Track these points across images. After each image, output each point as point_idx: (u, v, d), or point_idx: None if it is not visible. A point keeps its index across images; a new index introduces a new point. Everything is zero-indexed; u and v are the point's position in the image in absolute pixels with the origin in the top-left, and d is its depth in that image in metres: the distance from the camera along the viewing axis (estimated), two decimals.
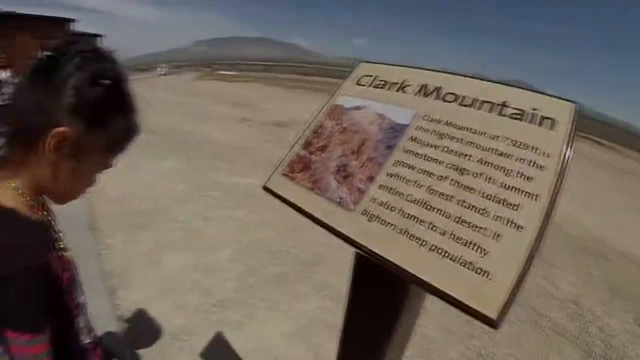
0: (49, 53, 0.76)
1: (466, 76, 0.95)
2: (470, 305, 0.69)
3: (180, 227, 4.27)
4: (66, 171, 0.79)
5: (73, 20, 27.02)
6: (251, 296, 3.19)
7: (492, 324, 0.67)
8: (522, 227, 0.71)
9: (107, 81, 0.76)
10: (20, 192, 0.77)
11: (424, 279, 0.75)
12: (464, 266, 0.73)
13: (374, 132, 0.98)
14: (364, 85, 1.10)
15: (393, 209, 0.84)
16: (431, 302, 0.89)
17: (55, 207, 0.90)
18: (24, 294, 0.70)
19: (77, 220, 4.03)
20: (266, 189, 1.11)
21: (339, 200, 0.93)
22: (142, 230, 4.10)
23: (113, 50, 0.82)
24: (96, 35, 31.31)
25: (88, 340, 0.95)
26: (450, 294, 0.71)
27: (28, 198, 0.78)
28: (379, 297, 1.00)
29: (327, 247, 3.99)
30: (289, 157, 1.12)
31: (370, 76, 1.10)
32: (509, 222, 0.73)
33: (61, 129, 0.73)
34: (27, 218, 0.77)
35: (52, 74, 0.74)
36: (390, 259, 0.80)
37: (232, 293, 3.20)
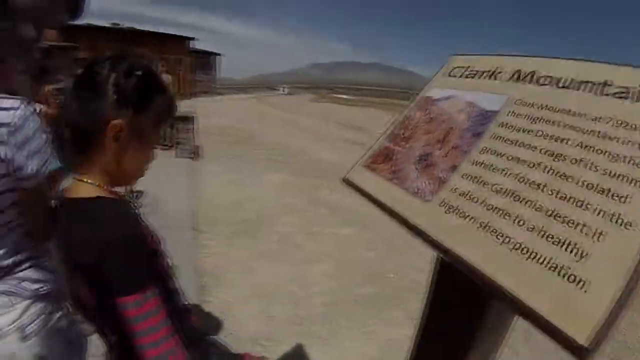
0: (85, 65, 0.89)
1: (564, 58, 0.82)
2: (554, 323, 0.54)
3: (280, 238, 4.39)
4: (129, 155, 0.91)
5: (192, 39, 29.64)
6: (339, 314, 3.13)
7: (580, 352, 0.50)
8: (630, 224, 0.57)
9: (139, 72, 0.88)
10: (97, 184, 0.90)
11: (500, 282, 0.63)
12: (553, 270, 0.59)
13: (462, 120, 0.90)
14: (455, 77, 1.03)
15: (475, 200, 0.75)
16: (522, 344, 0.75)
17: (160, 208, 1.01)
18: (127, 257, 0.80)
19: (181, 220, 4.41)
20: (345, 181, 1.08)
21: (416, 190, 0.86)
22: (242, 237, 4.30)
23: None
24: (215, 54, 34.44)
25: (185, 302, 1.06)
26: (530, 304, 0.58)
27: (105, 187, 0.91)
28: (457, 308, 0.89)
29: (428, 274, 3.77)
30: (373, 149, 1.08)
31: (462, 67, 1.03)
32: (614, 218, 0.59)
33: (115, 121, 0.85)
34: (113, 199, 0.91)
35: (92, 80, 0.86)
36: (464, 257, 0.70)
37: (320, 308, 3.17)
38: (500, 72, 0.91)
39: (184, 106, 9.10)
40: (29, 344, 1.09)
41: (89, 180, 0.89)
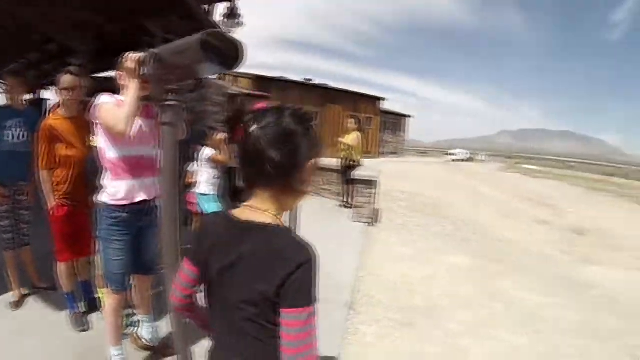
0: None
1: None
2: None
3: (444, 339, 3.67)
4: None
5: (383, 99, 30.45)
6: None
7: None
8: None
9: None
10: (276, 215, 1.05)
11: None
12: None
13: None
14: None
15: None
16: None
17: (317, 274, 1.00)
18: (312, 277, 0.95)
19: (338, 294, 4.02)
20: None
21: None
22: (403, 329, 3.66)
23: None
24: (405, 116, 35.52)
25: None
26: None
27: (276, 216, 1.05)
28: None
29: None
30: None
31: None
32: None
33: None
34: (289, 228, 1.09)
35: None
36: None
37: None
38: None
39: (369, 167, 9.16)
40: None
41: (272, 213, 1.05)
